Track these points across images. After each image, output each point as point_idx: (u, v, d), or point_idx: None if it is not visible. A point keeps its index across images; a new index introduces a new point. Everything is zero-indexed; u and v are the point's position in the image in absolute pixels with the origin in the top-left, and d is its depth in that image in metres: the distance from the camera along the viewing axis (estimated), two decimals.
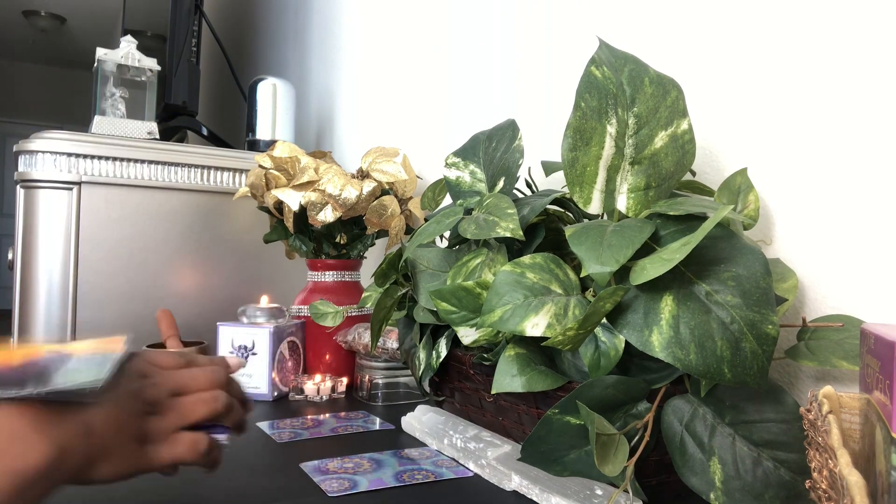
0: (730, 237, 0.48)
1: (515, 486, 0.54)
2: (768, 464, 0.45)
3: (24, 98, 5.61)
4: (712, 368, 0.43)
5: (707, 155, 0.70)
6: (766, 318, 0.43)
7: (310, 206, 0.97)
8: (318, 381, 0.91)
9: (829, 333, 0.53)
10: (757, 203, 0.61)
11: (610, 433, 0.46)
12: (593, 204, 0.53)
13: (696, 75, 0.71)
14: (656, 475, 0.52)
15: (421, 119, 1.25)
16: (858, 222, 0.56)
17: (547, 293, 0.51)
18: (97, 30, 4.80)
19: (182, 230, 1.26)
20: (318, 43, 1.75)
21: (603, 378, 0.48)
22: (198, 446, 0.46)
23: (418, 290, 0.68)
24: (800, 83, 0.61)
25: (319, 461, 0.62)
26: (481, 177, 0.69)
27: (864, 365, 0.35)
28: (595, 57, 0.53)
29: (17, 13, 4.50)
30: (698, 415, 0.48)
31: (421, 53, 1.26)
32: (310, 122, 1.78)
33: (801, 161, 0.61)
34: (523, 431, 0.60)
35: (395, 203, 1.01)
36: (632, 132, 0.53)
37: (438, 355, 0.68)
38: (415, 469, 0.60)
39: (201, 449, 0.46)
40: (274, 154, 1.03)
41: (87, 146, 1.17)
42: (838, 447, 0.31)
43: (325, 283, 1.04)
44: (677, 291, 0.45)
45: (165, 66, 1.57)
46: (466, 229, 0.59)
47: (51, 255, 1.15)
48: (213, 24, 1.87)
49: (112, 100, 1.37)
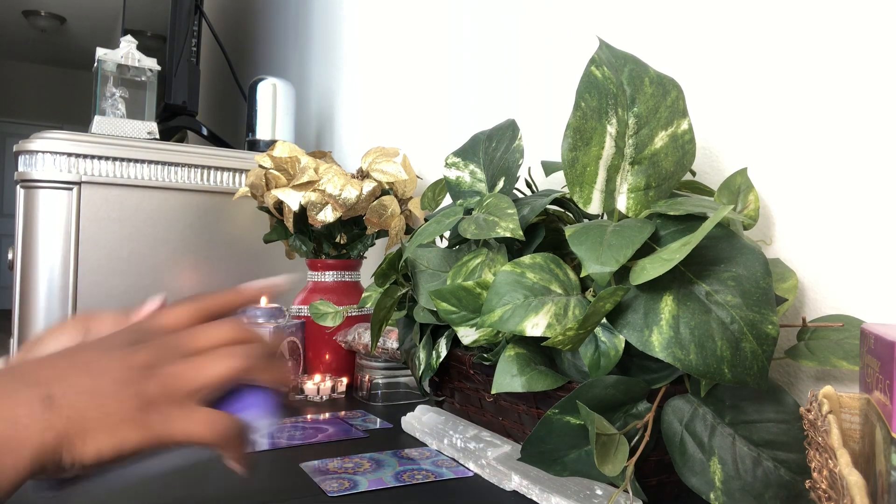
0: (730, 237, 0.48)
1: (515, 486, 0.54)
2: (768, 464, 0.45)
3: (24, 98, 5.61)
4: (712, 368, 0.43)
5: (707, 155, 0.70)
6: (766, 318, 0.43)
7: (310, 206, 0.97)
8: (318, 381, 0.91)
9: (829, 333, 0.53)
10: (757, 203, 0.61)
11: (610, 433, 0.46)
12: (593, 204, 0.53)
13: (696, 75, 0.71)
14: (656, 475, 0.52)
15: (421, 119, 1.25)
16: (858, 222, 0.56)
17: (547, 293, 0.51)
18: (97, 30, 4.80)
19: (182, 230, 1.26)
20: (318, 43, 1.75)
21: (603, 378, 0.48)
22: (218, 426, 0.36)
23: (418, 290, 0.68)
24: (800, 83, 0.61)
25: (319, 461, 0.62)
26: (481, 177, 0.69)
27: (864, 365, 0.35)
28: (595, 57, 0.53)
29: (17, 13, 4.50)
30: (698, 415, 0.48)
31: (421, 53, 1.26)
32: (310, 122, 1.78)
33: (801, 161, 0.61)
34: (523, 431, 0.60)
35: (395, 203, 1.01)
36: (632, 132, 0.53)
37: (438, 355, 0.68)
38: (415, 469, 0.60)
39: (219, 427, 0.36)
40: (274, 154, 1.03)
41: (87, 146, 1.17)
42: (838, 447, 0.31)
43: (325, 283, 1.04)
44: (677, 291, 0.45)
45: (165, 66, 1.57)
46: (466, 229, 0.59)
47: (51, 255, 1.15)
48: (213, 24, 1.87)
49: (112, 100, 1.37)
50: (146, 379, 0.35)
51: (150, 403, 0.34)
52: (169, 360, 0.36)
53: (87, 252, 1.16)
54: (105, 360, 0.35)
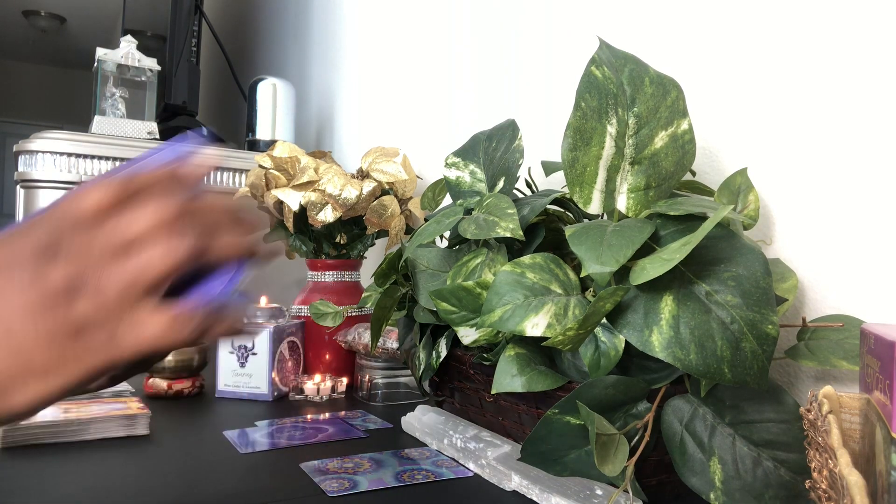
0: (730, 237, 0.48)
1: (515, 486, 0.54)
2: (768, 464, 0.45)
3: (24, 98, 5.61)
4: (712, 368, 0.43)
5: (707, 155, 0.70)
6: (766, 318, 0.43)
7: (310, 206, 0.97)
8: (318, 381, 0.91)
9: (829, 333, 0.53)
10: (757, 203, 0.61)
11: (610, 433, 0.46)
12: (593, 204, 0.53)
13: (696, 75, 0.71)
14: (656, 475, 0.52)
15: (421, 119, 1.25)
16: (858, 222, 0.56)
17: (547, 293, 0.51)
18: (97, 30, 4.80)
19: None
20: (318, 43, 1.75)
21: (603, 378, 0.48)
22: (180, 324, 0.30)
23: (418, 290, 0.68)
24: (800, 83, 0.61)
25: (319, 461, 0.62)
26: (481, 177, 0.69)
27: (864, 365, 0.35)
28: (595, 57, 0.53)
29: (17, 13, 4.50)
30: (698, 415, 0.48)
31: (421, 53, 1.26)
32: (310, 122, 1.78)
33: (801, 161, 0.61)
34: (523, 431, 0.60)
35: (395, 203, 1.01)
36: (632, 132, 0.53)
37: (438, 355, 0.68)
38: (415, 469, 0.60)
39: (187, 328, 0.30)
40: (274, 154, 1.03)
41: (87, 146, 1.17)
42: (838, 447, 0.31)
43: (325, 283, 1.04)
44: (677, 291, 0.45)
45: (165, 66, 1.57)
46: (466, 229, 0.59)
47: None
48: (213, 24, 1.87)
49: (112, 100, 1.37)
50: (71, 300, 0.28)
51: (83, 327, 0.29)
52: (95, 265, 0.29)
53: None
54: (9, 286, 0.28)
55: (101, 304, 0.29)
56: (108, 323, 0.29)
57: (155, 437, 0.70)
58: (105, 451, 0.65)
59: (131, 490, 0.54)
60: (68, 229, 0.29)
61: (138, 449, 0.66)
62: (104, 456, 0.63)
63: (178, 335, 0.30)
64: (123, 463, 0.61)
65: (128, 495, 0.53)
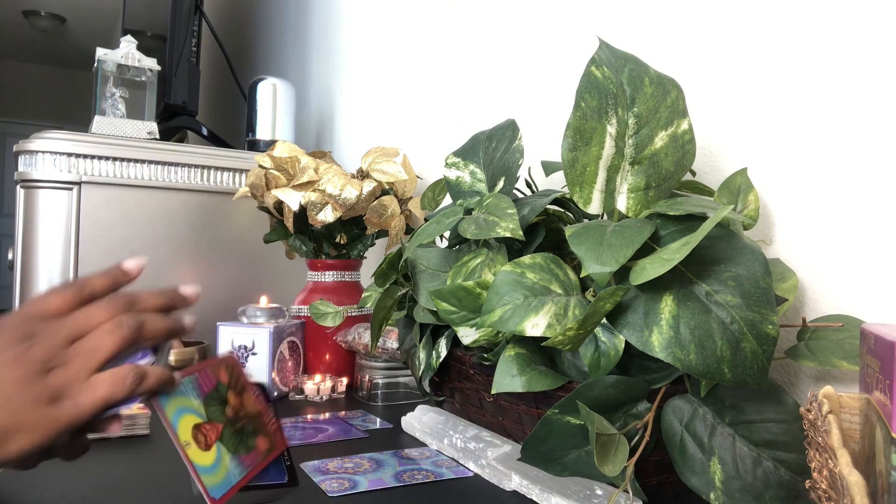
0: (730, 237, 0.48)
1: (515, 486, 0.54)
2: (768, 464, 0.45)
3: (24, 98, 5.61)
4: (712, 368, 0.43)
5: (707, 155, 0.70)
6: (766, 318, 0.43)
7: (310, 206, 0.97)
8: (318, 381, 0.91)
9: (829, 333, 0.53)
10: (757, 203, 0.61)
11: (610, 433, 0.46)
12: (593, 204, 0.53)
13: (696, 75, 0.71)
14: (656, 475, 0.52)
15: (421, 119, 1.25)
16: (858, 222, 0.56)
17: (547, 293, 0.51)
18: (97, 30, 4.80)
19: (182, 230, 1.26)
20: (318, 43, 1.75)
21: (603, 378, 0.48)
22: (122, 380, 0.40)
23: (418, 290, 0.68)
24: (800, 83, 0.61)
25: (319, 461, 0.62)
26: (481, 177, 0.69)
27: (864, 365, 0.35)
28: (595, 57, 0.53)
29: (17, 13, 4.50)
30: (698, 415, 0.48)
31: (421, 53, 1.26)
32: (310, 122, 1.78)
33: (801, 161, 0.61)
34: (523, 431, 0.60)
35: (395, 203, 1.01)
36: (632, 132, 0.53)
37: (438, 355, 0.68)
38: (415, 469, 0.60)
39: (128, 381, 0.41)
40: (274, 154, 1.03)
41: (87, 146, 1.17)
42: (838, 447, 0.31)
43: (325, 283, 1.04)
44: (677, 291, 0.45)
45: (165, 66, 1.57)
46: (466, 229, 0.59)
47: (51, 255, 1.15)
48: (213, 24, 1.87)
49: (112, 100, 1.37)
50: (46, 372, 0.39)
51: (57, 394, 0.39)
52: (62, 347, 0.40)
53: (87, 252, 1.16)
54: (2, 365, 0.38)
55: (66, 376, 0.39)
56: (73, 388, 0.39)
57: (155, 436, 0.70)
58: (105, 450, 0.65)
59: (131, 490, 0.54)
60: (40, 322, 0.41)
61: (138, 449, 0.66)
62: (104, 456, 0.63)
63: (117, 388, 0.40)
64: (123, 463, 0.61)
65: (128, 495, 0.53)
